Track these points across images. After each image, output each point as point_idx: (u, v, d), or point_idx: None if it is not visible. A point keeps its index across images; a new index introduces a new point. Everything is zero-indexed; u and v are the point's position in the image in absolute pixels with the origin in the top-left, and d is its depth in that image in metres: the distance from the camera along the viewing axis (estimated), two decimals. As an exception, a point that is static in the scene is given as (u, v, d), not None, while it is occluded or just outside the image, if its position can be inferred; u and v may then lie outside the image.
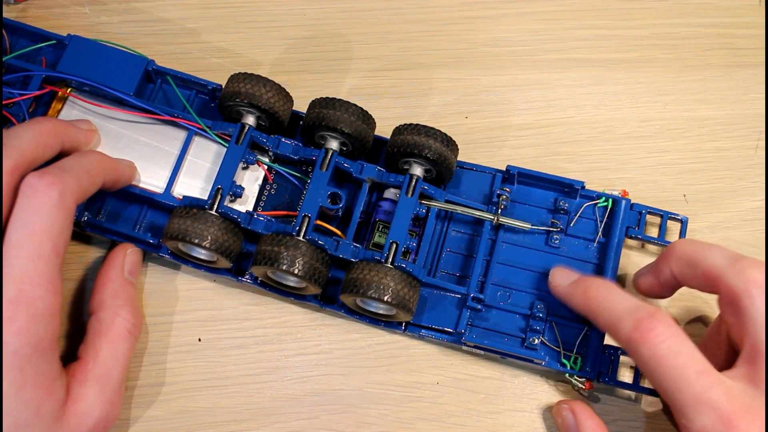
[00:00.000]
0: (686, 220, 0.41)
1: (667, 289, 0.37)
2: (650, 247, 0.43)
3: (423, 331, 0.40)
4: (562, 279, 0.38)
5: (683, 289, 0.37)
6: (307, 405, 0.40)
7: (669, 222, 0.42)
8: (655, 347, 0.32)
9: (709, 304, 0.42)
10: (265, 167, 0.42)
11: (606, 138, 0.46)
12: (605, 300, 0.35)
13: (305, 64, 0.47)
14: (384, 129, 0.42)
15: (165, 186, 0.40)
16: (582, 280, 0.37)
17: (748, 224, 0.44)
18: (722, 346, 0.36)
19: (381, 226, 0.41)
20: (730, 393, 0.31)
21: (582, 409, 0.37)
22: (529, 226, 0.41)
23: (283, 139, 0.41)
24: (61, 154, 0.37)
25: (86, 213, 0.40)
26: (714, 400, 0.31)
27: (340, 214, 0.41)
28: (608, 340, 0.40)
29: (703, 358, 0.32)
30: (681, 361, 0.31)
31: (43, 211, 0.32)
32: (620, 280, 0.41)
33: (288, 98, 0.41)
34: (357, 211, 0.40)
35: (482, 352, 0.40)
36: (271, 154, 0.42)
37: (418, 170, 0.40)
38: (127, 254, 0.39)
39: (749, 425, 0.30)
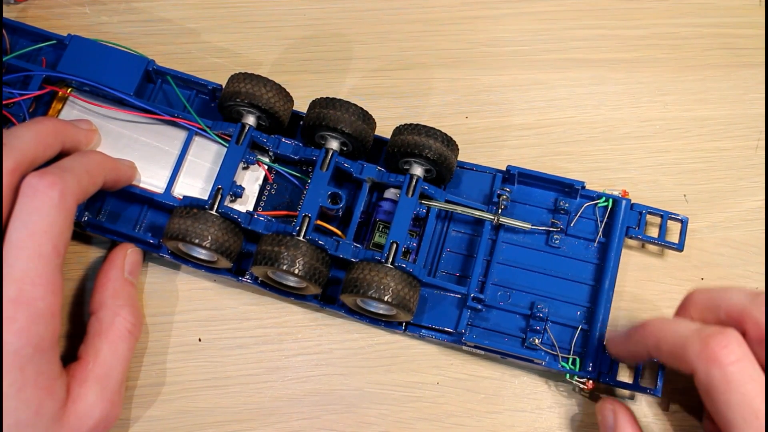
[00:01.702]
0: (686, 220, 0.41)
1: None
2: (650, 247, 0.43)
3: (423, 331, 0.40)
4: (617, 336, 0.37)
5: None
6: (308, 405, 0.40)
7: (669, 222, 0.42)
8: (727, 368, 0.30)
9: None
10: (266, 167, 0.42)
11: (606, 138, 0.46)
12: (666, 327, 0.33)
13: (305, 64, 0.47)
14: (384, 129, 0.42)
15: (165, 186, 0.40)
16: (636, 324, 0.35)
17: (748, 224, 0.44)
18: None
19: (381, 226, 0.41)
20: None
21: (624, 414, 0.36)
22: (530, 226, 0.41)
23: (283, 139, 0.41)
24: (62, 154, 0.37)
25: (86, 213, 0.40)
26: None
27: (340, 214, 0.41)
28: (608, 340, 0.40)
29: None
30: (753, 388, 0.29)
31: (44, 211, 0.32)
32: (620, 281, 0.41)
33: (288, 98, 0.41)
34: (357, 211, 0.40)
35: (482, 352, 0.40)
36: (271, 154, 0.42)
37: (418, 170, 0.40)
38: (128, 254, 0.39)
39: None
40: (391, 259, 0.38)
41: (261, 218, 0.39)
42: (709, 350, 0.30)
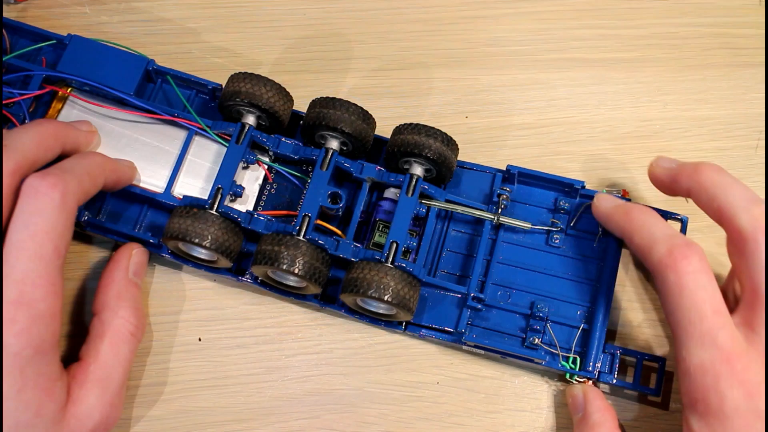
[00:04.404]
0: (686, 219, 0.41)
1: (673, 193, 0.38)
2: (650, 246, 0.43)
3: (423, 330, 0.40)
4: (606, 202, 0.39)
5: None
6: (308, 405, 0.40)
7: (669, 222, 0.42)
8: (683, 276, 0.33)
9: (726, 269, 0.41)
10: (266, 167, 0.42)
11: (606, 138, 0.46)
12: (645, 222, 0.36)
13: (305, 64, 0.47)
14: (384, 129, 0.42)
15: (165, 186, 0.40)
16: (625, 204, 0.39)
17: (748, 224, 0.44)
18: (735, 296, 0.37)
19: (381, 226, 0.41)
20: (734, 336, 0.32)
21: (591, 390, 0.38)
22: (530, 226, 0.41)
23: (283, 139, 0.41)
24: (62, 156, 0.37)
25: (87, 213, 0.40)
26: (720, 340, 0.32)
27: (340, 213, 0.41)
28: (609, 339, 0.40)
29: (722, 301, 0.33)
30: (702, 296, 0.33)
31: (45, 212, 0.32)
32: (620, 281, 0.41)
33: (288, 98, 0.41)
34: (357, 210, 0.40)
35: (482, 352, 0.40)
36: (271, 153, 0.42)
37: (418, 170, 0.40)
38: (133, 254, 0.39)
39: (746, 366, 0.32)
40: (391, 259, 0.38)
41: (261, 218, 0.39)
42: (671, 257, 0.33)
